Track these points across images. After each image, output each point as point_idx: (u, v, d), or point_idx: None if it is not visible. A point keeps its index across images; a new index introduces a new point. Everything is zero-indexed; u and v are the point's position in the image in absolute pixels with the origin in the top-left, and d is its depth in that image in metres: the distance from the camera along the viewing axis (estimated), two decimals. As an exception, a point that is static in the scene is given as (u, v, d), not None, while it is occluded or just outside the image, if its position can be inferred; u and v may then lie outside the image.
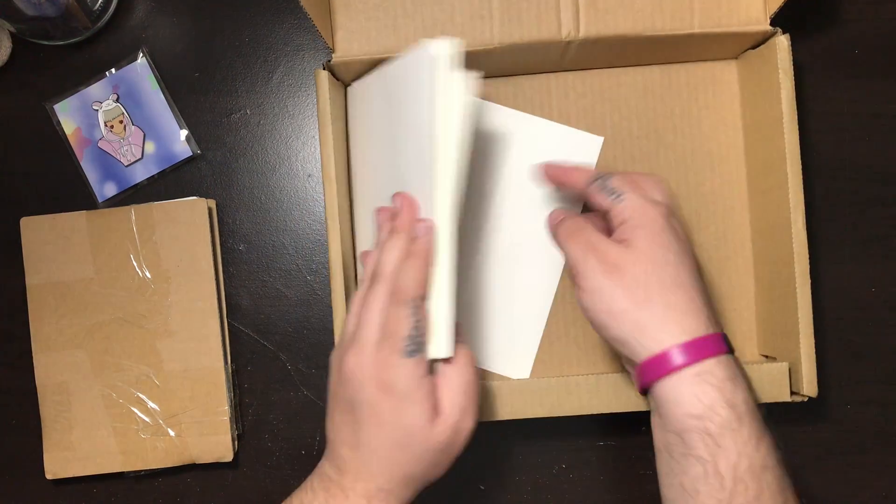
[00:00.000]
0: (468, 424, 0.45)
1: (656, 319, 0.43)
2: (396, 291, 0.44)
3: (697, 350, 0.42)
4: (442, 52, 0.44)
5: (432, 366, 0.45)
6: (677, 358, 0.42)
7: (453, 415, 0.44)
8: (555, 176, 0.52)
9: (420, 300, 0.44)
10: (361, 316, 0.45)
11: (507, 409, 0.52)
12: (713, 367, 0.42)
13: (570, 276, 0.47)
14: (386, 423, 0.43)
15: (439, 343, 0.45)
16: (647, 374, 0.43)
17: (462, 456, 0.45)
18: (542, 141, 0.59)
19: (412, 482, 0.44)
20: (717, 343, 0.43)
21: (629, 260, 0.44)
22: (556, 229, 0.50)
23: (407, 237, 0.46)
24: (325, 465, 0.46)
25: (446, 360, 0.45)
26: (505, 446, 0.61)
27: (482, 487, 0.61)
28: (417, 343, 0.43)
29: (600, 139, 0.59)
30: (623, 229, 0.46)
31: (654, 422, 0.45)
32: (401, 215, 0.47)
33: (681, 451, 0.42)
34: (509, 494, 0.61)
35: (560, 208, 0.56)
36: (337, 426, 0.45)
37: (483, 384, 0.52)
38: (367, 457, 0.44)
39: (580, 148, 0.59)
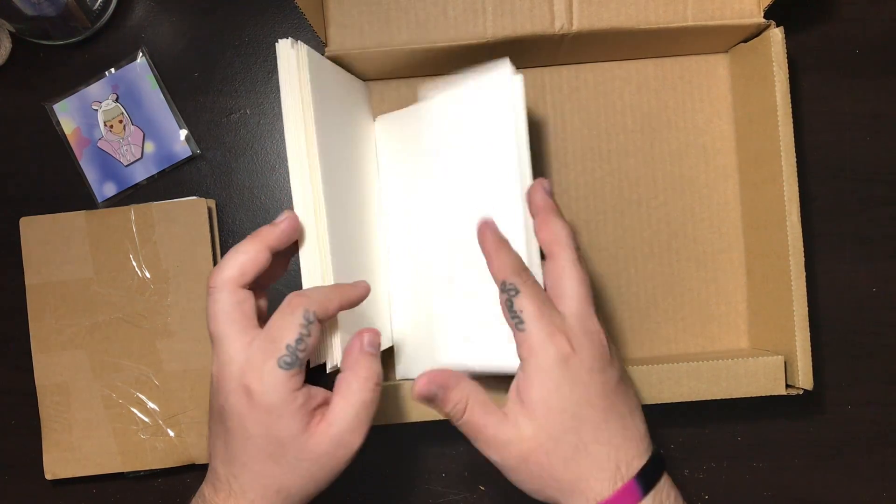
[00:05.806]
0: (355, 441, 0.42)
1: (555, 493, 0.43)
2: (298, 296, 0.42)
3: None
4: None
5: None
6: None
7: (339, 427, 0.42)
8: (485, 251, 0.46)
9: (315, 317, 0.41)
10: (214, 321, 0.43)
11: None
12: None
13: None
14: (253, 436, 0.41)
15: (335, 350, 0.45)
16: None
17: (461, 456, 0.45)
18: (455, 110, 0.51)
19: (287, 497, 0.42)
20: (625, 499, 0.42)
21: (518, 437, 0.42)
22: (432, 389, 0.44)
23: (264, 244, 0.44)
24: (203, 486, 0.44)
25: (348, 371, 0.43)
26: (505, 446, 0.61)
27: (482, 488, 0.60)
28: (295, 356, 0.41)
29: (518, 76, 0.48)
30: (519, 379, 0.43)
31: None
32: (277, 228, 0.45)
33: None
34: (509, 494, 0.60)
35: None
36: (212, 439, 0.44)
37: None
38: (238, 470, 0.42)
39: (499, 92, 0.48)
